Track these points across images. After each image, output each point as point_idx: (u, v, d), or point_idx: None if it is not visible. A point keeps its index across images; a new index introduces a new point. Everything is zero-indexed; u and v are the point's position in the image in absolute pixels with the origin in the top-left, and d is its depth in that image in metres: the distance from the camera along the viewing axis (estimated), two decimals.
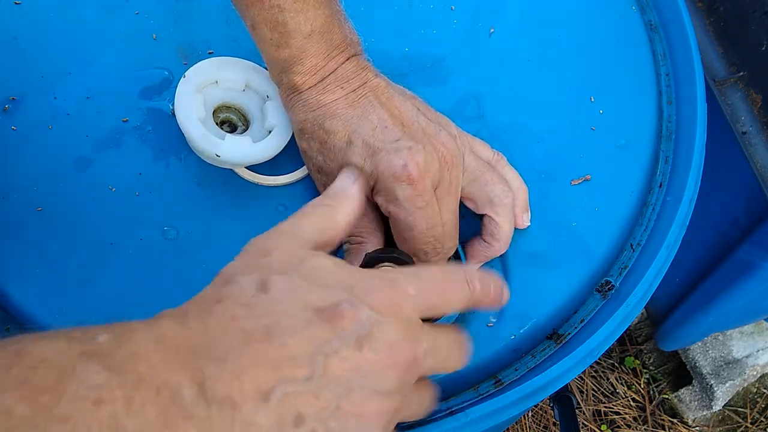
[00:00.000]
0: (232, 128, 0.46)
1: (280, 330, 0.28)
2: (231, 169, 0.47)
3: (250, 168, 0.47)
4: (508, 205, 0.45)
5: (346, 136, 0.41)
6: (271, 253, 0.32)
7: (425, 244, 0.41)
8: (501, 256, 0.47)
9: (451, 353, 0.33)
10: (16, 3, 0.49)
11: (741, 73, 0.72)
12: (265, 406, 0.27)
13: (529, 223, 0.47)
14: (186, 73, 0.43)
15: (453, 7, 0.55)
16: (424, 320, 0.32)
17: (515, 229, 0.47)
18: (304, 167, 0.46)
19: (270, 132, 0.45)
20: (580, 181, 0.50)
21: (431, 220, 0.41)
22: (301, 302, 0.29)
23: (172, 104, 0.47)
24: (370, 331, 0.29)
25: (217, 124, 0.45)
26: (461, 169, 0.43)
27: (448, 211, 0.42)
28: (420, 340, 0.30)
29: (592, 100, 0.54)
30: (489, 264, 0.47)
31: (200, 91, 0.44)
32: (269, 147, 0.44)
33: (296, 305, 0.29)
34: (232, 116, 0.47)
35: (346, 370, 0.28)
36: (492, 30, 0.55)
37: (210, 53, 0.50)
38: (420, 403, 0.34)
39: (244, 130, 0.46)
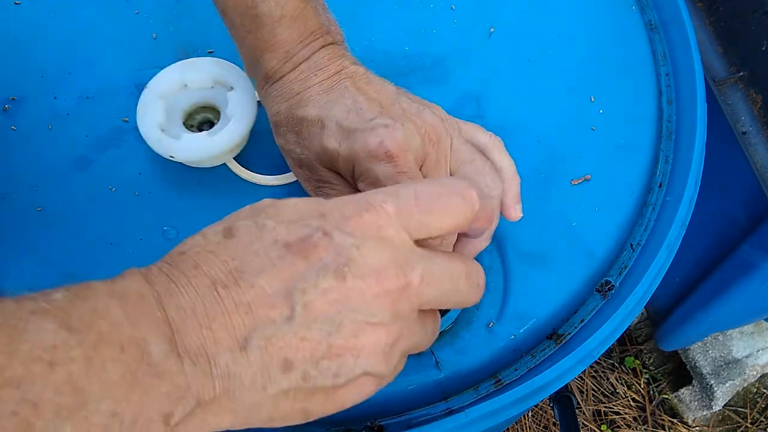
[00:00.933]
0: (212, 127, 0.46)
1: (249, 271, 0.26)
2: (231, 170, 0.47)
3: (250, 168, 0.47)
4: (495, 197, 0.42)
5: (319, 121, 0.39)
6: (241, 210, 0.30)
7: None
8: (501, 256, 0.47)
9: (459, 284, 0.30)
10: (16, 3, 0.49)
11: (741, 73, 0.72)
12: (243, 355, 0.25)
13: (521, 215, 0.44)
14: (148, 83, 0.43)
15: (453, 7, 0.55)
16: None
17: (515, 228, 0.47)
18: None
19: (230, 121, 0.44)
20: (580, 181, 0.50)
21: None
22: (270, 240, 0.26)
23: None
24: (349, 258, 0.26)
25: (195, 126, 0.45)
26: (448, 145, 0.41)
27: None
28: (412, 265, 0.28)
29: (592, 100, 0.54)
30: (489, 262, 0.47)
31: (163, 97, 0.44)
32: (226, 138, 0.43)
33: (265, 244, 0.26)
34: (208, 115, 0.46)
35: (330, 303, 0.26)
36: (492, 30, 0.55)
37: (210, 53, 0.50)
38: (424, 334, 0.31)
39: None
